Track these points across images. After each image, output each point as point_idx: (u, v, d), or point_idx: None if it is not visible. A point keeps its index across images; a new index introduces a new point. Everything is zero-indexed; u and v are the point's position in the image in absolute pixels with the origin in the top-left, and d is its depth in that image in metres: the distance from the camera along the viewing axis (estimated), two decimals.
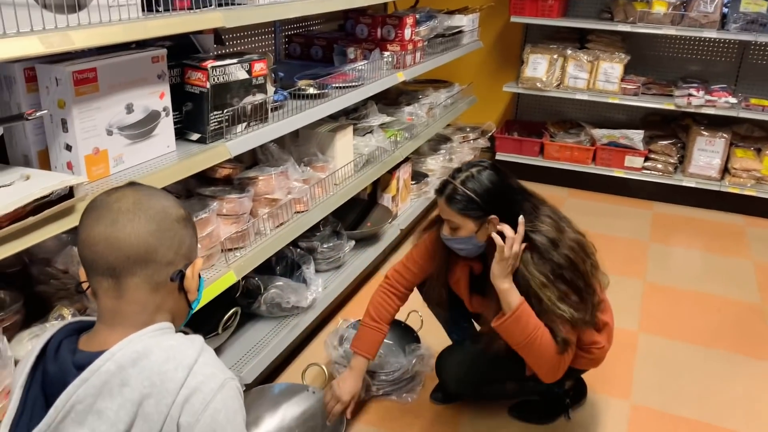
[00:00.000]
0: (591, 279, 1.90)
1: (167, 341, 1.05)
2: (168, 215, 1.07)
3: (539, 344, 1.84)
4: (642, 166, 4.37)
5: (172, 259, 1.08)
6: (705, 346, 2.81)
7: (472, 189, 1.82)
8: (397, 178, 3.40)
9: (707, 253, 3.74)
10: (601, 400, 2.43)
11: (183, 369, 1.01)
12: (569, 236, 1.91)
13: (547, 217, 1.93)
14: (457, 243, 1.94)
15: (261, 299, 2.39)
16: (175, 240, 1.08)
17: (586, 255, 1.92)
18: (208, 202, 2.01)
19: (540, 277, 1.82)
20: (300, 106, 2.36)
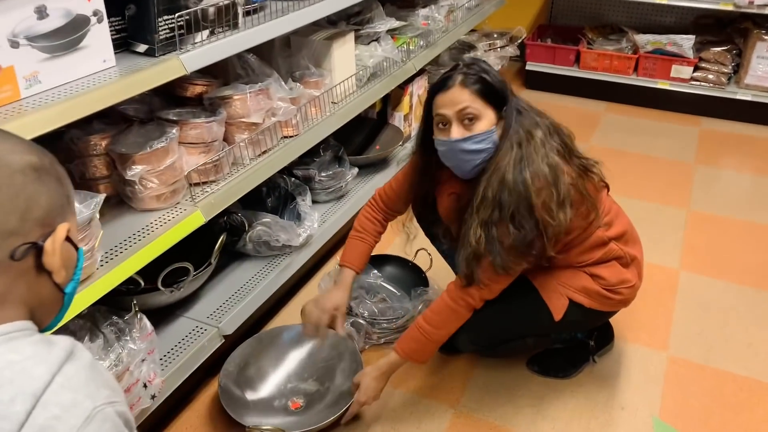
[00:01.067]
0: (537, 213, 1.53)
1: (6, 355, 0.72)
2: (4, 164, 0.75)
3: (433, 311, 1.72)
4: (690, 77, 3.87)
5: (16, 228, 0.75)
6: (755, 287, 2.46)
7: (485, 71, 1.57)
8: (409, 94, 3.01)
9: (761, 176, 3.31)
10: (634, 351, 2.13)
11: (24, 399, 0.69)
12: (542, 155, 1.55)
13: (534, 125, 1.59)
14: (474, 143, 1.56)
15: (246, 237, 2.10)
16: (18, 200, 0.75)
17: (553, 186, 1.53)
18: (167, 129, 1.68)
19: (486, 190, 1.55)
20: (284, 8, 1.97)
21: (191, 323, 1.92)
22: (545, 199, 1.52)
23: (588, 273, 1.76)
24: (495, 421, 1.88)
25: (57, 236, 0.80)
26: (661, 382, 2.02)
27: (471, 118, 1.55)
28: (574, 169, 1.61)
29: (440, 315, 1.71)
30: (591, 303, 1.76)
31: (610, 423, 1.88)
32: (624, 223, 1.83)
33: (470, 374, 2.04)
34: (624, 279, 1.77)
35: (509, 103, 1.58)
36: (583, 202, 1.62)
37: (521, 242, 1.54)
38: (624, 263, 1.78)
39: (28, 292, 0.79)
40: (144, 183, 1.63)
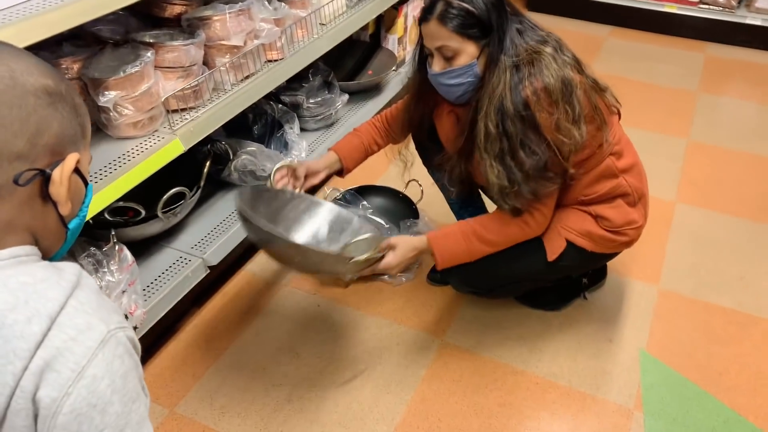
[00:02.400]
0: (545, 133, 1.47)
1: (19, 276, 0.71)
2: (18, 84, 0.70)
3: (490, 232, 1.61)
4: (699, 0, 3.70)
5: (24, 151, 0.71)
6: (752, 219, 2.42)
7: (469, 0, 1.44)
8: (404, 15, 2.87)
9: (764, 105, 3.21)
10: (625, 283, 2.12)
11: (41, 320, 0.68)
12: (553, 71, 1.45)
13: (539, 42, 1.49)
14: (454, 77, 1.52)
15: (231, 166, 2.04)
16: (28, 123, 0.71)
17: (566, 101, 1.46)
18: (142, 52, 1.59)
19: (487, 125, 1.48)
20: None
21: (175, 254, 1.89)
22: (555, 117, 1.45)
23: (592, 214, 1.69)
24: (481, 353, 1.88)
25: (66, 166, 0.75)
26: (650, 316, 2.01)
27: (449, 57, 1.49)
28: (588, 81, 1.54)
29: (498, 231, 1.63)
30: (593, 246, 1.71)
31: (597, 355, 1.88)
32: (633, 154, 1.75)
33: (458, 305, 2.03)
34: (630, 220, 1.71)
35: (494, 34, 1.46)
36: (594, 118, 1.55)
37: (537, 167, 1.49)
38: (630, 202, 1.71)
39: (33, 220, 0.75)
40: (119, 110, 1.56)
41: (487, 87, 1.48)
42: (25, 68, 0.72)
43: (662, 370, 1.84)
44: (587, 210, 1.70)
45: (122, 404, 0.71)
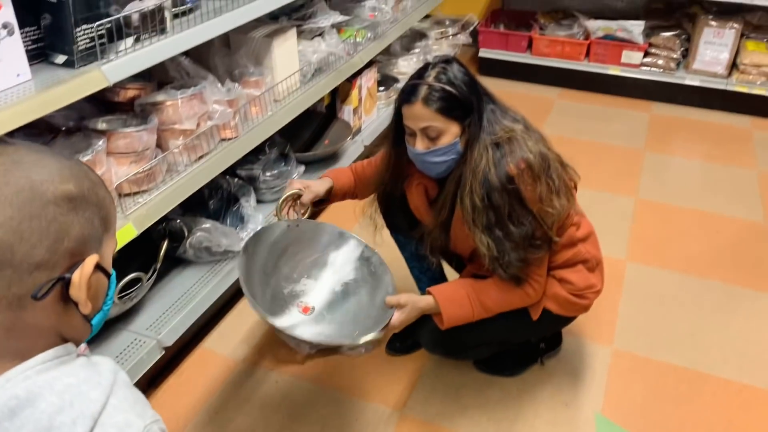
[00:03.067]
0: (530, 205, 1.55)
1: (63, 379, 0.73)
2: (38, 195, 0.71)
3: (494, 302, 1.66)
4: (641, 62, 3.89)
5: (43, 261, 0.72)
6: (700, 276, 2.51)
7: (450, 83, 1.52)
8: (358, 87, 2.96)
9: (708, 162, 3.36)
10: (580, 345, 2.16)
11: (85, 421, 0.71)
12: (530, 147, 1.55)
13: (513, 121, 1.60)
14: (438, 155, 1.58)
15: (186, 243, 2.05)
16: (48, 232, 0.71)
17: (545, 174, 1.55)
18: (94, 140, 1.61)
19: (473, 200, 1.55)
20: (218, 9, 1.90)
21: (130, 336, 1.87)
22: (539, 190, 1.54)
23: (556, 277, 1.76)
24: (441, 423, 1.89)
25: (85, 269, 0.75)
26: (605, 377, 2.05)
27: (434, 136, 1.56)
28: (556, 156, 1.63)
29: (500, 301, 1.67)
30: (559, 309, 1.77)
31: (554, 421, 1.90)
32: (588, 225, 1.83)
33: (418, 376, 2.04)
34: (591, 284, 1.78)
35: (473, 115, 1.54)
36: (565, 189, 1.63)
37: (524, 237, 1.56)
38: (590, 267, 1.78)
39: (58, 322, 0.76)
40: None
41: (470, 163, 1.56)
42: (47, 176, 0.72)
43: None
44: (552, 274, 1.76)
45: None
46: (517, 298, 1.68)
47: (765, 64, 3.67)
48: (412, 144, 1.61)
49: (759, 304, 2.37)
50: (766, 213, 2.92)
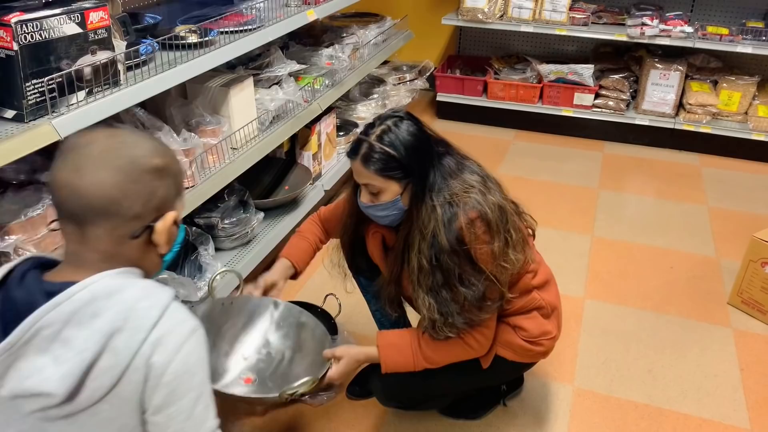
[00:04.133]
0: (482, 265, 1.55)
1: (144, 281, 1.04)
2: (138, 166, 1.02)
3: (436, 353, 1.65)
4: (592, 104, 4.03)
5: (139, 213, 1.03)
6: (656, 311, 2.56)
7: (391, 144, 1.51)
8: (317, 133, 2.99)
9: (660, 199, 3.47)
10: (542, 385, 2.17)
11: (157, 309, 1.00)
12: (488, 200, 1.55)
13: (470, 173, 1.59)
14: (380, 210, 1.61)
15: None
16: (143, 192, 1.02)
17: (502, 228, 1.55)
18: (45, 194, 1.59)
19: (420, 261, 1.56)
20: (174, 60, 1.92)
21: None
22: (494, 245, 1.53)
23: (510, 324, 1.76)
24: None
25: (166, 221, 1.07)
26: (567, 417, 2.06)
27: (375, 193, 1.57)
28: (511, 206, 1.64)
29: (444, 349, 1.66)
30: (513, 356, 1.77)
31: None
32: (546, 272, 1.84)
33: (381, 422, 2.02)
34: (545, 330, 1.78)
35: (414, 176, 1.54)
36: (522, 241, 1.64)
37: (475, 298, 1.55)
38: (545, 314, 1.78)
39: (140, 256, 1.06)
40: (20, 253, 1.54)
41: (417, 223, 1.55)
42: (143, 153, 1.03)
43: None
44: (506, 321, 1.77)
45: (203, 375, 1.03)
46: (460, 351, 1.66)
47: (709, 103, 3.83)
48: (360, 195, 1.63)
49: (714, 336, 2.43)
50: (717, 247, 3.01)
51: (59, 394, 0.93)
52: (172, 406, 0.99)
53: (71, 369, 0.93)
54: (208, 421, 1.04)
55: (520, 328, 1.75)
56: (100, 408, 0.96)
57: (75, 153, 1.00)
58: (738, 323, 2.50)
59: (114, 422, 0.98)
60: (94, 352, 0.94)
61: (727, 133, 3.84)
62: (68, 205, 0.98)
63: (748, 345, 2.39)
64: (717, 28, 3.74)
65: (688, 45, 3.72)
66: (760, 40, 3.64)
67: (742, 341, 2.41)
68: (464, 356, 1.67)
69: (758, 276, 2.46)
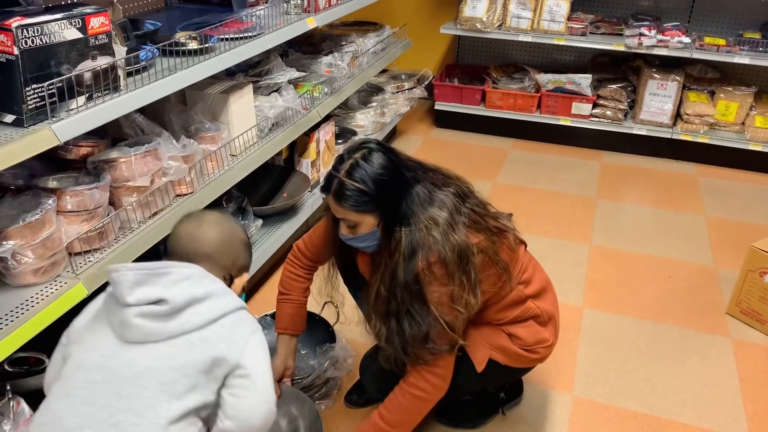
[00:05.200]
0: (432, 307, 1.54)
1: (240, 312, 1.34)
2: (235, 235, 1.45)
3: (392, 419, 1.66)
4: (590, 114, 4.04)
5: (228, 265, 1.41)
6: (654, 320, 2.56)
7: (361, 179, 1.50)
8: (316, 141, 2.99)
9: (658, 209, 3.47)
10: (541, 394, 2.16)
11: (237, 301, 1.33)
12: (450, 241, 1.52)
13: (438, 208, 1.55)
14: (360, 241, 1.62)
15: None
16: (234, 253, 1.43)
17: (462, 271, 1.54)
18: (43, 199, 1.59)
19: (380, 287, 1.59)
20: (174, 66, 1.92)
21: None
22: (450, 289, 1.52)
23: (506, 332, 1.76)
24: None
25: (242, 279, 1.47)
26: (566, 425, 2.05)
27: (352, 226, 1.57)
28: (486, 236, 1.60)
29: (396, 408, 1.66)
30: (507, 361, 1.77)
31: None
32: (542, 279, 1.83)
33: None
34: (541, 339, 1.78)
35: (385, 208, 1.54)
36: (493, 267, 1.61)
37: (417, 337, 1.54)
38: (541, 322, 1.78)
39: None
40: (18, 258, 1.53)
41: (385, 251, 1.56)
42: (240, 230, 1.48)
43: None
44: (502, 328, 1.76)
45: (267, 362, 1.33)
46: (410, 400, 1.64)
47: (707, 113, 3.84)
48: (339, 227, 1.62)
49: (713, 345, 2.42)
50: (715, 256, 3.01)
51: (172, 303, 1.20)
52: (254, 366, 1.28)
53: (185, 293, 1.22)
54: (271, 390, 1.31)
55: (515, 337, 1.75)
56: (179, 342, 1.20)
57: (197, 217, 1.43)
58: (736, 333, 2.50)
59: (183, 356, 1.20)
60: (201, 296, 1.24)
61: (724, 143, 3.85)
62: (185, 248, 1.36)
63: (747, 355, 2.38)
64: (714, 38, 3.76)
65: (686, 55, 3.74)
66: (757, 50, 3.66)
67: (741, 351, 2.40)
68: (421, 404, 1.66)
69: (757, 286, 2.46)
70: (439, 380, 1.63)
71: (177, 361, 1.19)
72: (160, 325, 1.20)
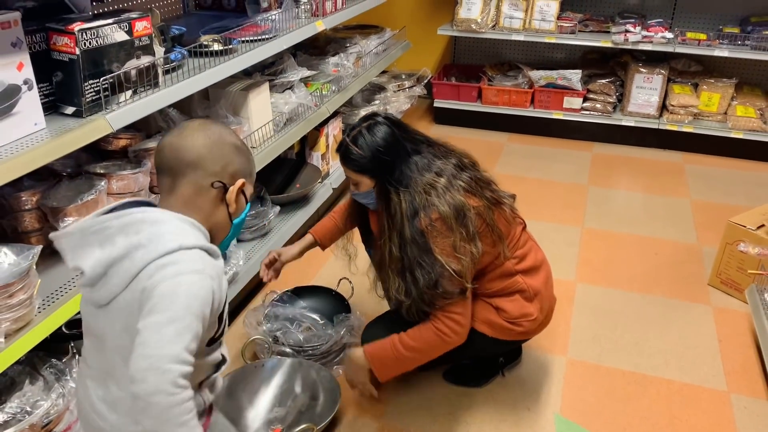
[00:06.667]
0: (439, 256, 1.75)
1: (186, 225, 1.23)
2: (223, 138, 1.31)
3: (413, 339, 1.85)
4: (581, 107, 4.27)
5: (218, 172, 1.29)
6: (641, 292, 2.78)
7: (361, 146, 1.79)
8: (325, 135, 3.22)
9: (646, 193, 3.70)
10: (538, 357, 2.38)
11: (176, 243, 1.16)
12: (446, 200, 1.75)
13: (436, 174, 1.79)
14: (361, 197, 1.93)
15: None
16: (223, 158, 1.29)
17: (460, 225, 1.76)
18: (95, 182, 1.81)
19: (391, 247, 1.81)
20: (201, 65, 2.14)
21: None
22: (452, 240, 1.73)
23: (493, 305, 1.95)
24: (415, 430, 2.07)
25: (236, 185, 1.32)
26: (561, 383, 2.27)
27: (354, 183, 1.87)
28: (484, 201, 1.82)
29: (417, 338, 1.85)
30: (494, 333, 1.97)
31: (517, 423, 2.10)
32: (537, 258, 2.01)
33: (392, 389, 2.22)
34: (526, 312, 1.95)
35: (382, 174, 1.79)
36: (489, 233, 1.83)
37: (429, 284, 1.75)
38: (527, 297, 1.95)
39: (212, 210, 1.30)
40: None
41: (386, 214, 1.81)
42: (228, 133, 1.34)
43: (575, 430, 2.07)
44: (489, 301, 1.97)
45: (187, 307, 1.12)
46: (433, 336, 1.83)
47: (691, 104, 4.08)
48: None
49: (694, 312, 2.64)
50: (699, 235, 3.23)
51: (88, 274, 1.18)
52: (148, 317, 1.10)
53: (101, 258, 1.17)
54: (173, 345, 1.08)
55: (501, 309, 1.94)
56: (117, 304, 1.16)
57: (179, 127, 1.32)
58: (717, 301, 2.72)
59: (123, 319, 1.16)
60: (120, 254, 1.16)
61: (708, 132, 4.08)
62: (168, 160, 1.27)
63: (726, 320, 2.60)
64: (696, 33, 3.99)
65: (669, 50, 3.97)
66: (736, 44, 3.89)
67: (721, 317, 2.62)
68: (439, 343, 1.84)
69: (734, 257, 2.68)
70: (458, 326, 1.83)
71: (119, 325, 1.17)
72: (94, 294, 1.19)
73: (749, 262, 2.60)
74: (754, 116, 4.00)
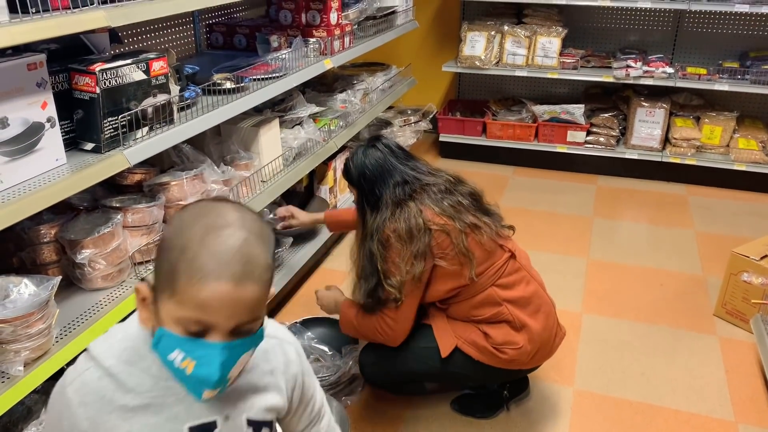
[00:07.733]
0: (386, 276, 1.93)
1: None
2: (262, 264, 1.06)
3: (360, 328, 2.10)
4: (584, 141, 4.34)
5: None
6: (647, 322, 2.80)
7: (354, 163, 2.02)
8: (333, 169, 3.29)
9: (650, 225, 3.73)
10: (545, 388, 2.39)
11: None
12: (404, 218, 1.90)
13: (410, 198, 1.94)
14: (355, 204, 2.11)
15: None
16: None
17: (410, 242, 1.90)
18: (112, 215, 1.87)
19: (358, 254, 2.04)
20: (214, 103, 2.22)
21: None
22: (397, 256, 1.89)
23: (480, 330, 2.00)
24: None
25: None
26: (569, 414, 2.28)
27: (352, 192, 2.06)
28: (459, 224, 1.91)
29: (362, 323, 2.07)
30: (479, 356, 2.00)
31: None
32: (528, 291, 2.02)
33: (401, 421, 2.23)
34: (511, 340, 1.97)
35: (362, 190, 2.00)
36: (456, 254, 1.90)
37: (370, 291, 1.97)
38: (514, 327, 1.98)
39: None
40: (93, 265, 1.81)
41: (360, 224, 2.02)
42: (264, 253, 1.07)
43: None
44: (477, 326, 2.02)
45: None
46: (374, 326, 2.02)
47: (693, 137, 4.14)
48: None
49: (701, 343, 2.66)
50: (704, 266, 3.25)
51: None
52: None
53: None
54: None
55: (488, 335, 1.99)
56: None
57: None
58: (723, 332, 2.74)
59: None
60: None
61: (710, 164, 4.13)
62: None
63: (733, 350, 2.62)
64: (696, 68, 4.07)
65: (670, 84, 4.05)
66: (736, 78, 3.97)
67: (727, 347, 2.64)
68: (375, 334, 2.04)
69: (739, 287, 2.71)
70: (389, 329, 2.01)
71: None
72: None
73: (753, 292, 2.63)
74: (756, 149, 4.06)
